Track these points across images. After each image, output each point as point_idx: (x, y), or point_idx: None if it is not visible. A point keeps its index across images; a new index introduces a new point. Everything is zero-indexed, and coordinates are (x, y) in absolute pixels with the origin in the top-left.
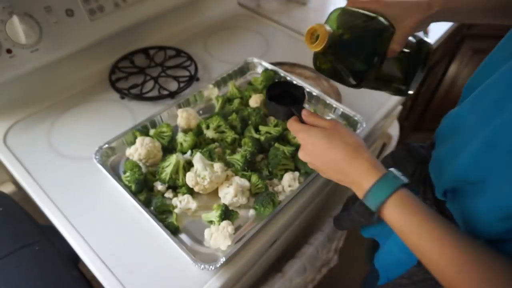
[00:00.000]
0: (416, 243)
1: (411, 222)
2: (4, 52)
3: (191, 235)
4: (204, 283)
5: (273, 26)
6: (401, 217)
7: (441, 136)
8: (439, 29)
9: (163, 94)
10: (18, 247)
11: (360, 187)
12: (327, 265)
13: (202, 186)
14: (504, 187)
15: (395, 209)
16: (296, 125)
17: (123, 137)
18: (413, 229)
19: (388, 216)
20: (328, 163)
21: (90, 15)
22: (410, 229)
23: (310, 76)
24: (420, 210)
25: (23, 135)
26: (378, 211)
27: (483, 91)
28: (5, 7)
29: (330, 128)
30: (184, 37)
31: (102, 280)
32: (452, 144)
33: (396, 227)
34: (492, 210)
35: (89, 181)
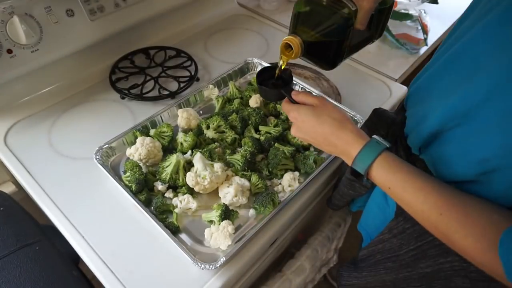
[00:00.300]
0: (402, 196)
1: (396, 178)
2: (4, 52)
3: (191, 235)
4: (204, 283)
5: (273, 26)
6: (387, 175)
7: (413, 99)
8: (439, 29)
9: (163, 94)
10: (19, 247)
11: (348, 156)
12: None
13: (202, 186)
14: (478, 134)
15: (381, 169)
16: (287, 105)
17: (123, 137)
18: (398, 183)
19: (375, 176)
20: (318, 137)
21: (90, 15)
22: (395, 184)
23: (310, 76)
24: (403, 167)
25: (23, 135)
26: (366, 174)
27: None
28: (5, 8)
29: (318, 105)
30: (184, 37)
31: (102, 279)
32: (429, 102)
33: (383, 185)
34: (467, 155)
35: (90, 181)
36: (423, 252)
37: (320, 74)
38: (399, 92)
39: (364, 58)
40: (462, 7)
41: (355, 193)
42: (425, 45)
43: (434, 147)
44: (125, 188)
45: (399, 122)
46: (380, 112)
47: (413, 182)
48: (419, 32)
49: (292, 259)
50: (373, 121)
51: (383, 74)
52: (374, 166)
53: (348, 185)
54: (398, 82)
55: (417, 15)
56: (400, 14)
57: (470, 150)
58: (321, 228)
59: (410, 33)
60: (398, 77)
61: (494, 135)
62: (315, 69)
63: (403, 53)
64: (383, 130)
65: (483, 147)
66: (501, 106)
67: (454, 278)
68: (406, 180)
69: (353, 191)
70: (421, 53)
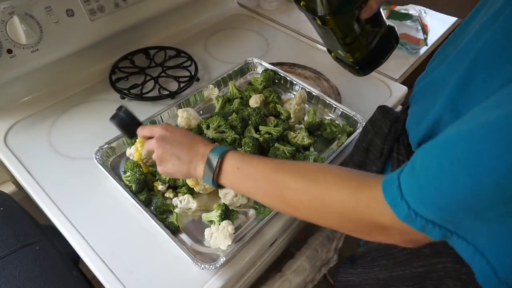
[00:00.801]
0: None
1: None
2: (4, 52)
3: (191, 235)
4: (204, 283)
5: (273, 26)
6: (238, 159)
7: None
8: (439, 29)
9: (163, 94)
10: (19, 247)
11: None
12: (327, 265)
13: (202, 186)
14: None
15: (233, 155)
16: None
17: (123, 137)
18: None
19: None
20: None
21: (90, 15)
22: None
23: (310, 76)
24: (252, 155)
25: (23, 135)
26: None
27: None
28: (5, 8)
29: (167, 131)
30: (184, 37)
31: (102, 279)
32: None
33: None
34: None
35: (90, 181)
36: (417, 251)
37: (320, 74)
38: (399, 92)
39: None
40: None
41: None
42: (425, 45)
43: None
44: (125, 188)
45: (403, 120)
46: (385, 109)
47: (258, 158)
48: (419, 32)
49: (292, 259)
50: (377, 118)
51: (383, 74)
52: (227, 154)
53: None
54: (398, 82)
55: (417, 15)
56: (400, 14)
57: None
58: (321, 228)
59: (410, 33)
60: (398, 77)
61: None
62: (315, 69)
63: (403, 53)
64: (386, 127)
65: None
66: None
67: (446, 280)
68: (253, 158)
69: None
70: (421, 53)
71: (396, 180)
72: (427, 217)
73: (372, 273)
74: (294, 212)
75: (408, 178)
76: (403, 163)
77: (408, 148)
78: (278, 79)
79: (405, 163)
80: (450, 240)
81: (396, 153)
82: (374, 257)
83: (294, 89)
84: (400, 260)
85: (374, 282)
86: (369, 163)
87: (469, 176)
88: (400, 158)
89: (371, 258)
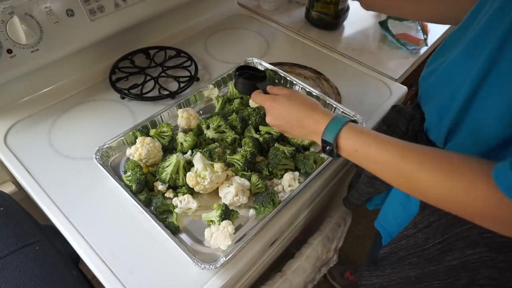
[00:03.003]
0: (367, 153)
1: (361, 139)
2: (4, 52)
3: (191, 235)
4: (204, 283)
5: (273, 26)
6: (354, 139)
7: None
8: (439, 29)
9: (163, 94)
10: (19, 247)
11: (317, 132)
12: (327, 265)
13: (202, 186)
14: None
15: (348, 135)
16: (262, 95)
17: (123, 137)
18: (363, 143)
19: (343, 143)
20: (292, 121)
21: (90, 15)
22: (361, 144)
23: (310, 76)
24: (368, 130)
25: (23, 135)
26: (336, 143)
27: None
28: (5, 8)
29: (291, 94)
30: (184, 37)
31: (102, 279)
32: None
33: (351, 149)
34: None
35: (90, 181)
36: (450, 245)
37: (320, 74)
38: (399, 92)
39: (364, 58)
40: None
41: (374, 190)
42: (425, 45)
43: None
44: (125, 188)
45: (418, 118)
46: (399, 108)
47: (377, 138)
48: (419, 32)
49: (292, 259)
50: (392, 117)
51: (383, 74)
52: (341, 133)
53: (368, 183)
54: (398, 82)
55: None
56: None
57: (501, 110)
58: (321, 228)
59: (410, 33)
60: (398, 77)
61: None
62: (315, 69)
63: (403, 53)
64: (403, 126)
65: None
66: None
67: (482, 270)
68: (371, 138)
69: (373, 189)
70: (421, 53)
71: (510, 170)
72: None
73: (402, 272)
74: (422, 198)
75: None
76: None
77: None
78: (278, 79)
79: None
80: None
81: None
82: (402, 256)
83: (294, 89)
84: (432, 256)
85: (403, 281)
86: None
87: None
88: None
89: (398, 257)
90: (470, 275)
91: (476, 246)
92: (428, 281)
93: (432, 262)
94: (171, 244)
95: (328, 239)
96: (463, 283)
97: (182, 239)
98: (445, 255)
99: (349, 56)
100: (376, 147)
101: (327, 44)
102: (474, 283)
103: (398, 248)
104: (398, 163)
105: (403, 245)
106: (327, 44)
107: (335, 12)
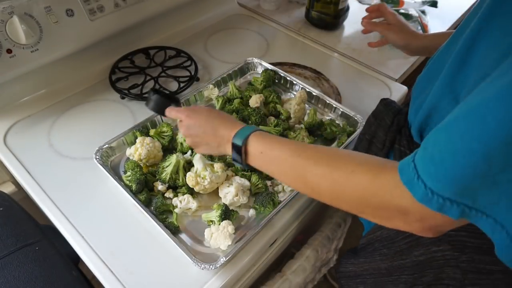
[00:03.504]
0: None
1: (265, 142)
2: (4, 52)
3: (191, 235)
4: (204, 283)
5: (273, 26)
6: (259, 142)
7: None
8: (439, 29)
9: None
10: (19, 247)
11: (229, 140)
12: (327, 265)
13: (202, 186)
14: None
15: (256, 139)
16: (178, 108)
17: (123, 137)
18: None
19: (251, 146)
20: (208, 130)
21: (90, 15)
22: (266, 147)
23: (310, 76)
24: (274, 136)
25: (23, 135)
26: (244, 147)
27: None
28: (5, 8)
29: (209, 108)
30: (184, 37)
31: (102, 280)
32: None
33: (256, 152)
34: None
35: (89, 181)
36: (417, 240)
37: (320, 74)
38: (399, 92)
39: (364, 58)
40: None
41: None
42: None
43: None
44: (125, 188)
45: (405, 112)
46: (388, 101)
47: (280, 141)
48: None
49: (292, 259)
50: (380, 110)
51: (383, 74)
52: (250, 137)
53: None
54: (398, 82)
55: (417, 15)
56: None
57: None
58: (321, 228)
59: None
60: (398, 77)
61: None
62: (315, 69)
63: (403, 53)
64: (388, 119)
65: None
66: None
67: (446, 268)
68: (274, 141)
69: None
70: None
71: (412, 163)
72: (444, 194)
73: (373, 262)
74: (317, 196)
75: (422, 158)
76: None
77: (409, 139)
78: (278, 79)
79: (415, 150)
80: (469, 217)
81: (398, 144)
82: (376, 247)
83: (294, 89)
84: (401, 249)
85: (375, 271)
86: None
87: (479, 143)
88: (402, 150)
89: (373, 248)
90: (435, 273)
91: (441, 243)
92: (396, 274)
93: (401, 256)
94: (171, 244)
95: (328, 239)
96: (428, 280)
97: (182, 239)
98: (413, 249)
99: (349, 56)
100: (278, 148)
101: (327, 44)
102: (439, 281)
103: (373, 239)
104: (294, 160)
105: (378, 236)
106: (327, 44)
107: (335, 12)
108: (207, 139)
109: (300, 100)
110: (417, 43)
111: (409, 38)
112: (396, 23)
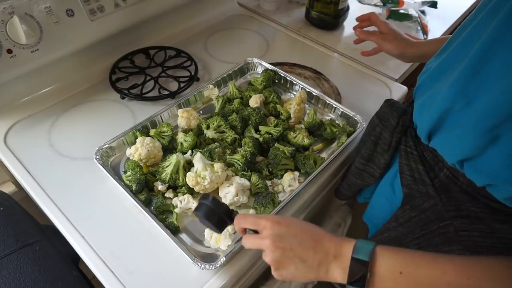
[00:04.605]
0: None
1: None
2: (4, 52)
3: (191, 235)
4: (204, 283)
5: (273, 26)
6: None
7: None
8: (439, 29)
9: (163, 94)
10: (19, 247)
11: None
12: None
13: (202, 186)
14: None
15: (385, 253)
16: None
17: (123, 137)
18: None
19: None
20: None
21: (90, 15)
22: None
23: (310, 76)
24: (402, 248)
25: (23, 135)
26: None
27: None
28: (5, 8)
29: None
30: (184, 37)
31: (102, 279)
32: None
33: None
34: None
35: (90, 181)
36: (427, 241)
37: (320, 74)
38: (399, 92)
39: (364, 58)
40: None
41: (363, 182)
42: None
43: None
44: (125, 188)
45: (410, 113)
46: (392, 102)
47: (422, 256)
48: (419, 33)
49: None
50: (384, 111)
51: (383, 74)
52: (377, 251)
53: (357, 175)
54: (398, 82)
55: (417, 15)
56: (400, 15)
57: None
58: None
59: (410, 33)
60: (398, 77)
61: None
62: (315, 69)
63: None
64: (394, 120)
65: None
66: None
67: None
68: (415, 256)
69: (361, 181)
70: None
71: None
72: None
73: None
74: None
75: None
76: (411, 155)
77: (416, 140)
78: (278, 79)
79: None
80: None
81: (404, 145)
82: None
83: (294, 89)
84: None
85: None
86: (377, 156)
87: None
88: (408, 150)
89: None
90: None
91: (451, 243)
92: None
93: None
94: (171, 244)
95: None
96: None
97: (182, 239)
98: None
99: (349, 56)
100: (429, 267)
101: (327, 44)
102: None
103: (381, 240)
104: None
105: (385, 238)
106: (327, 44)
107: (335, 12)
108: (305, 255)
109: (300, 100)
110: (412, 51)
111: (404, 46)
112: (389, 32)
